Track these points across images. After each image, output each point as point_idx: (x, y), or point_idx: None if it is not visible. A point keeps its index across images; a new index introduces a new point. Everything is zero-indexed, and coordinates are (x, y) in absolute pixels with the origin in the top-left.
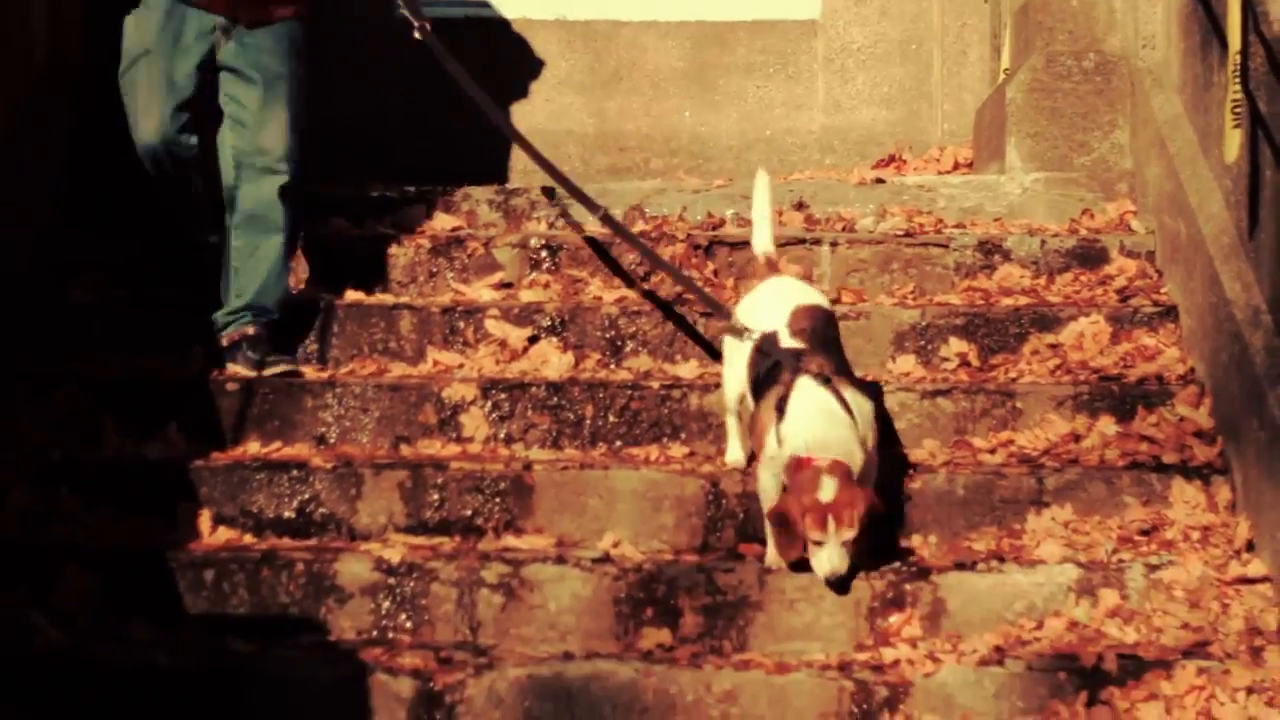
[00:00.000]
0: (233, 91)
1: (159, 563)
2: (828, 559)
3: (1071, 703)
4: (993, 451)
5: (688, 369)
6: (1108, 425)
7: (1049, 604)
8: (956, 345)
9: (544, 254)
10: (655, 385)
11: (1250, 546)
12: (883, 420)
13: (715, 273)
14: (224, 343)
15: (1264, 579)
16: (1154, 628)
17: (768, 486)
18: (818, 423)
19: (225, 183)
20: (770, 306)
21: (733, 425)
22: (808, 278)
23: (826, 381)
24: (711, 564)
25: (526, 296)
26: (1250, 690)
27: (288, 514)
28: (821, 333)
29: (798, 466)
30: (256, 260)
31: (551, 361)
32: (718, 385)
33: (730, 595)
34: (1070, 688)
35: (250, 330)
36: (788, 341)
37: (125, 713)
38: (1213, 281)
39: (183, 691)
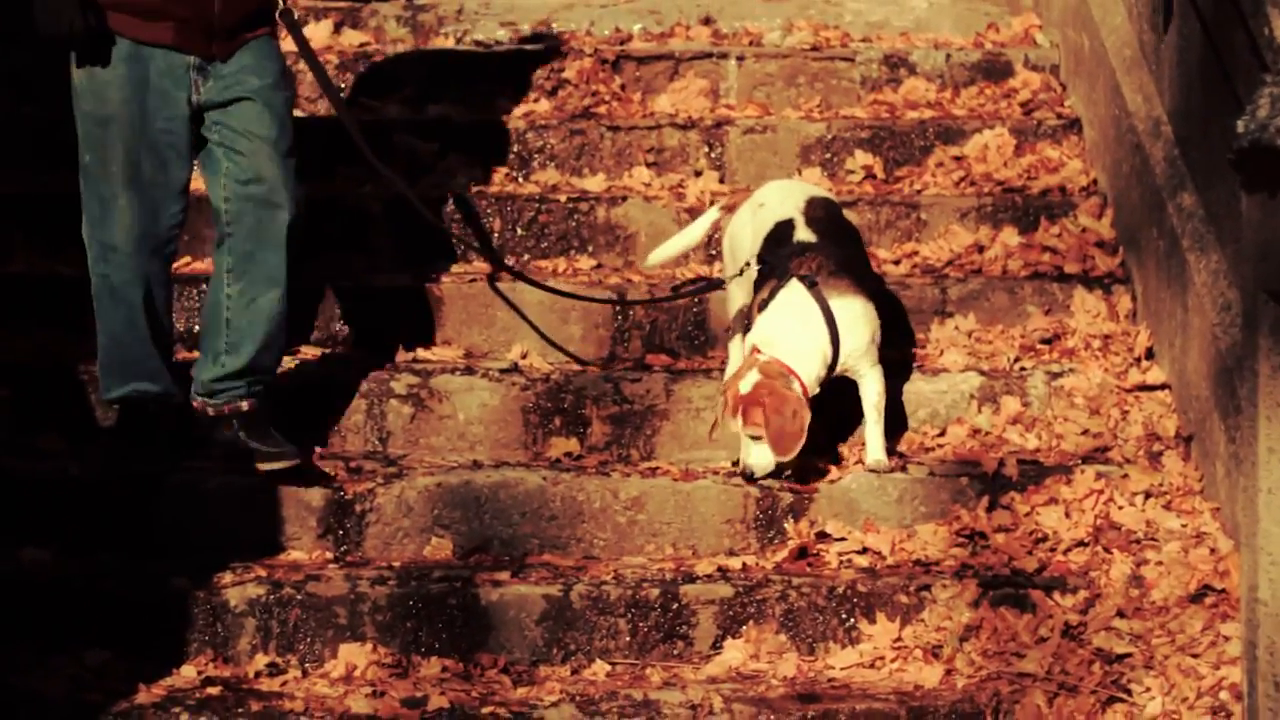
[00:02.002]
0: (220, 119)
1: (70, 378)
2: (743, 453)
3: (973, 507)
4: (897, 262)
5: (595, 182)
6: (1011, 236)
7: (952, 411)
8: (862, 158)
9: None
10: (563, 198)
11: (1150, 354)
12: (891, 307)
13: (623, 87)
14: (207, 411)
15: (1163, 386)
16: (1055, 434)
17: (732, 364)
18: (781, 321)
19: (217, 223)
20: (782, 201)
21: (735, 347)
22: (715, 92)
23: (812, 285)
24: (619, 374)
25: (434, 111)
26: (1148, 494)
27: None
28: (835, 223)
29: (750, 353)
30: (255, 312)
31: (458, 175)
32: (625, 198)
33: (637, 405)
34: (972, 492)
35: (245, 405)
36: (802, 230)
37: (37, 519)
38: (1115, 94)
39: (94, 500)
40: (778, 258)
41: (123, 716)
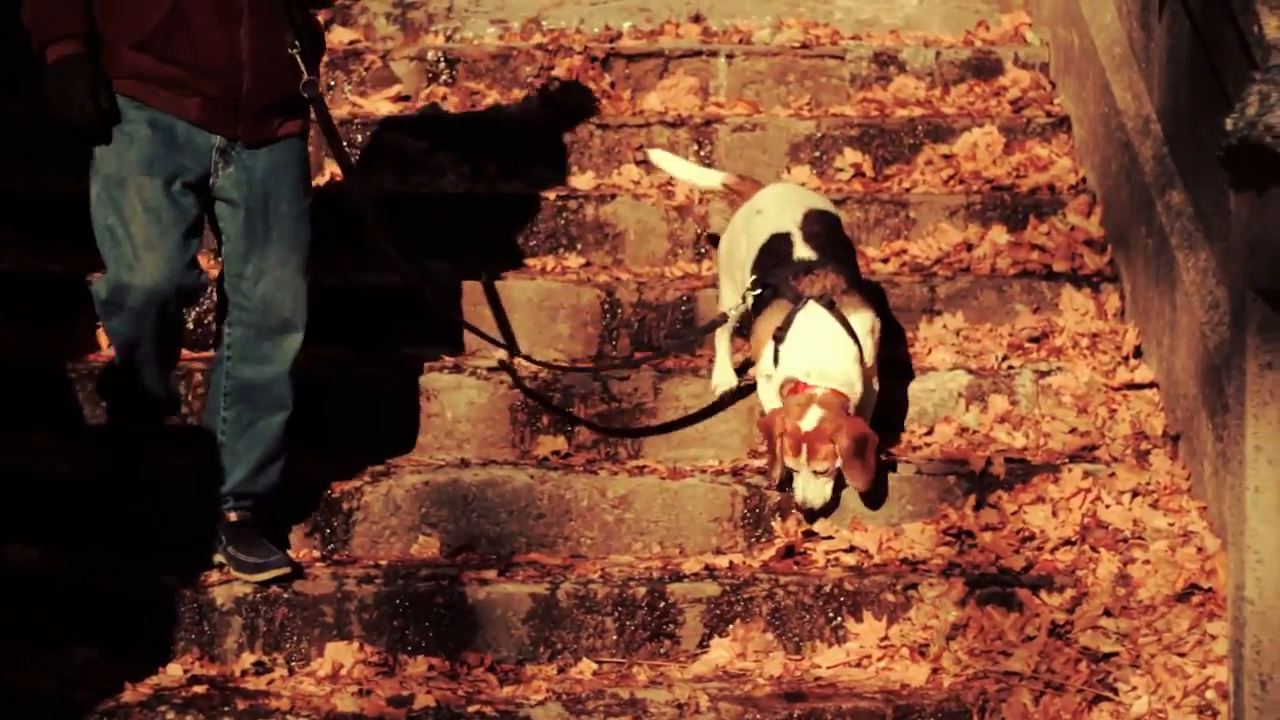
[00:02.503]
0: (230, 229)
1: (59, 375)
2: (801, 488)
3: (960, 506)
4: (886, 260)
5: (584, 180)
6: (1000, 234)
7: (939, 410)
8: (851, 156)
9: (442, 66)
10: (552, 196)
11: (1138, 353)
12: (885, 318)
13: (612, 84)
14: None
15: (1151, 385)
16: (1042, 433)
17: (767, 398)
18: (818, 348)
19: (218, 325)
20: (780, 211)
21: (723, 345)
22: (704, 90)
23: (831, 306)
24: (607, 373)
25: (424, 109)
26: (1135, 493)
27: (189, 323)
28: (833, 236)
29: (793, 389)
30: (250, 439)
31: (449, 173)
32: (614, 196)
33: (625, 403)
34: (959, 491)
35: (234, 517)
36: (801, 248)
37: (26, 517)
38: (1104, 92)
39: (82, 498)
40: (779, 277)
41: (109, 715)
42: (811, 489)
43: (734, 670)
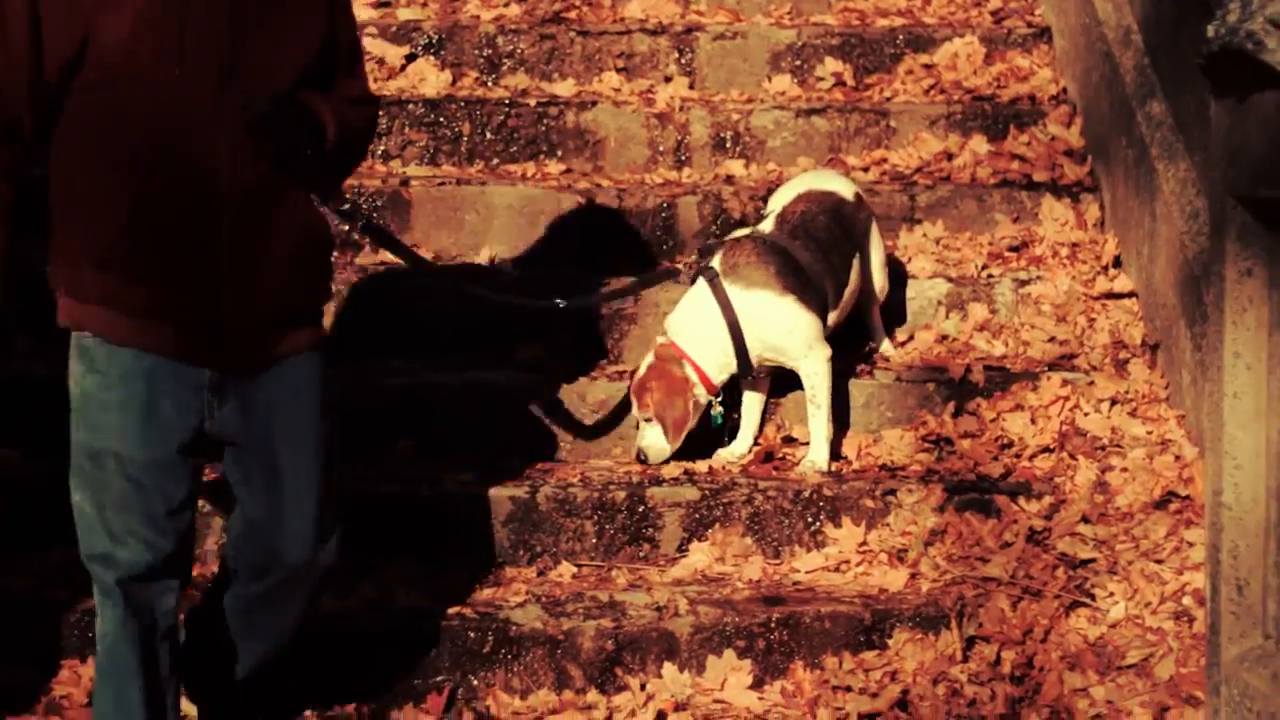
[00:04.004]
0: (234, 475)
1: (39, 285)
2: (639, 435)
3: (939, 413)
4: (866, 169)
5: (565, 87)
6: (980, 144)
7: (919, 318)
8: (832, 65)
9: None
10: (532, 102)
11: (1117, 262)
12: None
13: None
14: None
15: (1130, 294)
16: (1021, 341)
17: None
18: (683, 309)
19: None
20: (789, 190)
21: None
22: None
23: (713, 280)
24: (588, 277)
25: (404, 15)
26: (1114, 401)
27: None
28: (806, 222)
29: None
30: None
31: (429, 78)
32: (595, 103)
33: (606, 309)
34: (938, 398)
35: None
36: (768, 225)
37: (5, 419)
38: (1085, 2)
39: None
40: (713, 246)
41: (87, 614)
42: (645, 436)
43: (713, 574)
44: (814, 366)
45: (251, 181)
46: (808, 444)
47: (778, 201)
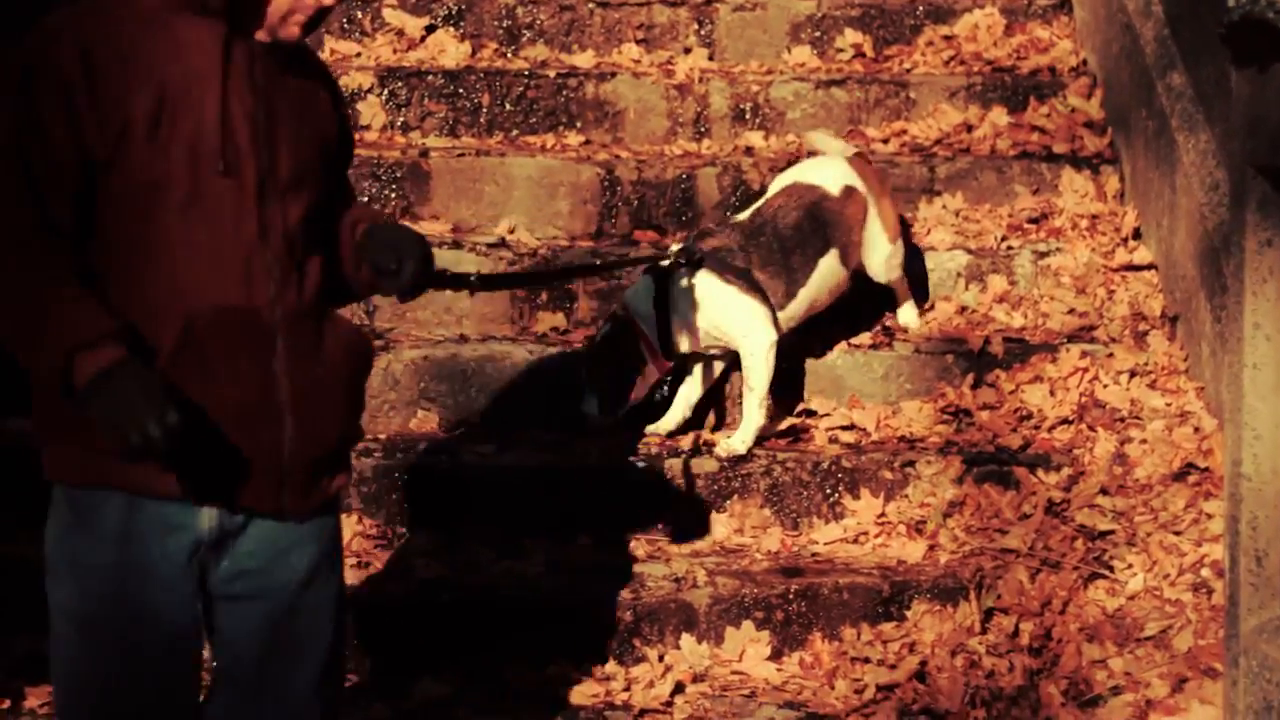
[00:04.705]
0: (231, 634)
1: None
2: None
3: (958, 384)
4: (886, 141)
5: (584, 59)
6: (1000, 116)
7: (938, 289)
8: (852, 36)
9: None
10: (552, 74)
11: (1137, 234)
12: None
13: None
14: None
15: (1149, 266)
16: (1041, 313)
17: None
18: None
19: None
20: (778, 180)
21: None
22: None
23: (658, 277)
24: (606, 249)
25: None
26: (1133, 373)
27: None
28: (776, 221)
29: None
30: None
31: (448, 50)
32: (614, 74)
33: (624, 280)
34: (957, 370)
35: None
36: (744, 216)
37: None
38: None
39: None
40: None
41: None
42: (585, 401)
43: (731, 545)
44: (750, 348)
45: (294, 303)
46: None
47: (771, 189)
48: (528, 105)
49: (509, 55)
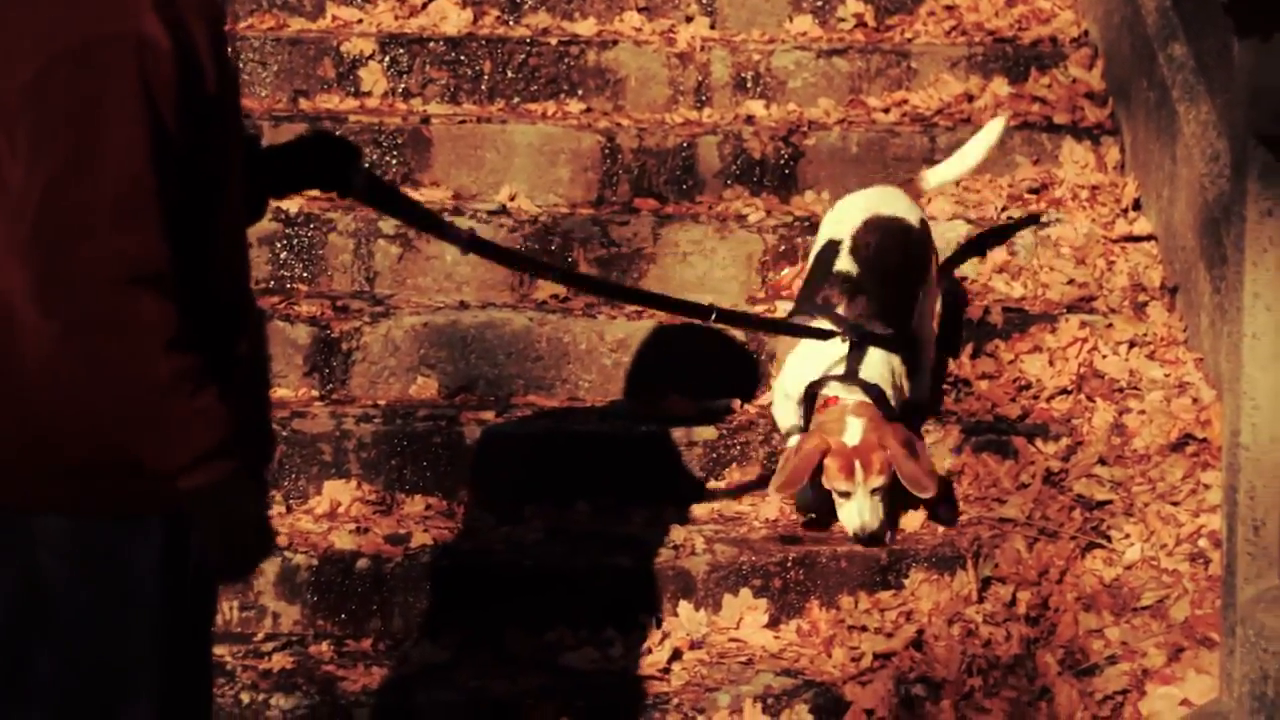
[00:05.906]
0: None
1: None
2: (854, 515)
3: (957, 354)
4: (887, 110)
5: (586, 26)
6: (1000, 86)
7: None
8: (853, 5)
9: None
10: (553, 41)
11: (1137, 205)
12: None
13: None
14: None
15: (1149, 237)
16: (1040, 283)
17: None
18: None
19: None
20: (844, 216)
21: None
22: None
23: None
24: (606, 217)
25: None
26: (1132, 343)
27: None
28: (882, 254)
29: (823, 404)
30: None
31: (450, 17)
32: (615, 42)
33: (625, 248)
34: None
35: None
36: (844, 260)
37: None
38: None
39: None
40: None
41: None
42: (868, 512)
43: (730, 513)
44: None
45: None
46: None
47: (841, 227)
48: (529, 73)
49: (511, 22)
